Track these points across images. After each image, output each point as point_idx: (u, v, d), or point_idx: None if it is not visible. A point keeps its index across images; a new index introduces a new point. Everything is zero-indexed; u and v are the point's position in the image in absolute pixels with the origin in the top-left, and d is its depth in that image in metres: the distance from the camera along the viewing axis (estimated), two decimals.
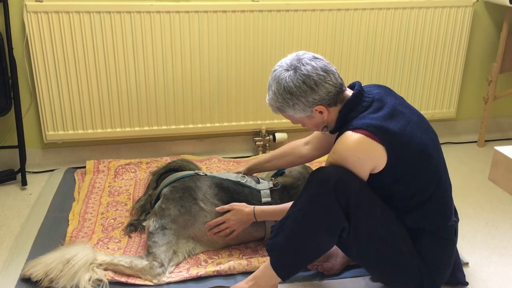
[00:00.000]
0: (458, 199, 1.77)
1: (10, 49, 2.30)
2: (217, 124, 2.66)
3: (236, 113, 2.67)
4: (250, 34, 2.52)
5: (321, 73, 1.54)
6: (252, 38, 2.53)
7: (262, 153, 2.76)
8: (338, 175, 1.51)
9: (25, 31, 2.32)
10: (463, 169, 2.71)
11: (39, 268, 1.70)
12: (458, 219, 1.72)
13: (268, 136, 2.76)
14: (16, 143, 2.41)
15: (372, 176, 1.56)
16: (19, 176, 2.44)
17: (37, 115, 2.49)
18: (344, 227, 1.53)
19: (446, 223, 1.64)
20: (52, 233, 2.01)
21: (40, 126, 2.50)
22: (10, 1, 2.29)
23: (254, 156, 2.70)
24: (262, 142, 2.76)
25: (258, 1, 2.50)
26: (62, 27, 2.32)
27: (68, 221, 2.10)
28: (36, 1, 2.28)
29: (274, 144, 2.77)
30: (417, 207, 1.59)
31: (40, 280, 1.69)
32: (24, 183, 2.42)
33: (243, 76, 2.60)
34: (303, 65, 1.54)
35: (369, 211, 1.54)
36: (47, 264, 1.70)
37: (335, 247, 1.70)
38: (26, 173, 2.44)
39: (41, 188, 2.40)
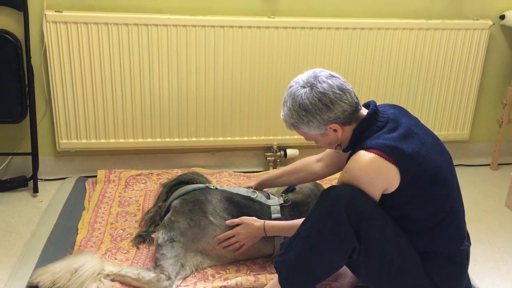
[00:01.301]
0: (470, 223, 1.74)
1: (28, 57, 2.33)
2: (228, 138, 2.67)
3: (248, 128, 2.67)
4: (265, 50, 2.53)
5: (337, 91, 1.53)
6: (267, 54, 2.54)
7: (273, 168, 2.75)
8: (350, 195, 1.50)
9: (43, 40, 2.35)
10: (476, 193, 2.68)
11: (47, 276, 1.70)
12: (470, 243, 1.70)
13: (279, 152, 2.75)
14: (29, 150, 2.43)
15: (384, 196, 1.55)
16: (31, 183, 2.45)
17: (51, 123, 2.51)
18: (354, 247, 1.51)
19: (458, 247, 1.62)
20: (61, 241, 2.01)
21: (53, 134, 2.52)
22: (30, 11, 2.33)
23: (265, 171, 2.69)
24: (273, 158, 2.76)
25: (274, 17, 2.51)
26: (80, 38, 2.35)
27: (78, 230, 2.10)
28: (55, 11, 2.32)
29: (285, 160, 2.76)
30: (429, 229, 1.57)
31: None
32: (35, 190, 2.43)
33: (257, 91, 2.60)
34: (319, 82, 1.54)
35: (380, 232, 1.52)
36: (55, 272, 1.70)
37: (344, 267, 1.68)
38: (38, 180, 2.46)
39: (52, 195, 2.41)
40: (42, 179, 2.54)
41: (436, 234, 1.58)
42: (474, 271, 2.00)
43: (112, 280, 1.76)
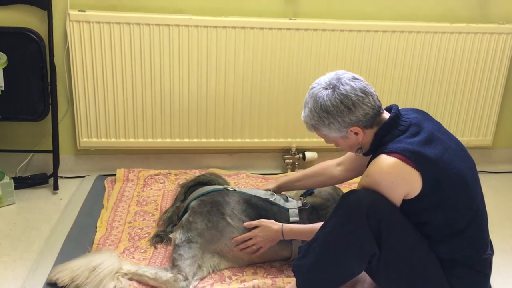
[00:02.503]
0: (492, 231, 1.70)
1: (51, 56, 2.36)
2: (247, 140, 2.66)
3: (266, 130, 2.66)
4: (286, 51, 2.52)
5: (360, 94, 1.52)
6: (287, 56, 2.53)
7: (291, 171, 2.73)
8: (371, 199, 1.48)
9: (66, 39, 2.38)
10: (499, 200, 2.62)
11: (66, 273, 1.71)
12: (493, 252, 1.66)
13: (298, 154, 2.74)
14: (50, 148, 2.46)
15: (405, 202, 1.53)
16: (51, 180, 2.48)
17: (72, 121, 2.54)
18: (374, 253, 1.49)
19: (480, 255, 1.59)
20: (80, 239, 2.03)
21: (74, 133, 2.55)
22: (54, 10, 2.35)
23: (284, 174, 2.68)
24: (291, 160, 2.74)
25: (295, 19, 2.50)
26: (103, 37, 2.37)
27: (96, 228, 2.11)
28: (79, 10, 2.35)
29: (303, 162, 2.74)
30: (451, 237, 1.54)
31: (66, 285, 1.70)
32: (55, 187, 2.46)
33: (276, 93, 2.59)
34: (342, 84, 1.52)
35: (401, 238, 1.50)
36: (74, 270, 1.71)
37: (363, 273, 1.66)
38: (58, 178, 2.48)
39: (71, 193, 2.43)
40: (62, 177, 2.57)
41: (458, 242, 1.55)
42: (496, 280, 1.95)
43: (130, 279, 1.77)
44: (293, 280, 1.61)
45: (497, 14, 2.69)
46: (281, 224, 1.84)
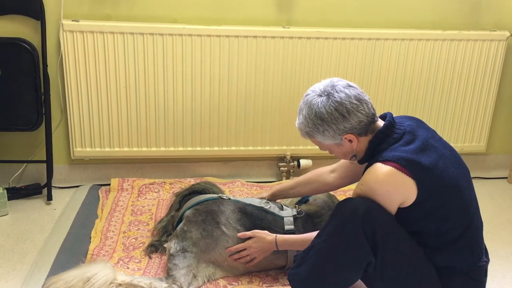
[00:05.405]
0: (487, 237, 1.71)
1: (45, 66, 2.36)
2: (242, 148, 2.66)
3: (261, 138, 2.66)
4: (280, 60, 2.53)
5: (354, 101, 1.52)
6: (281, 64, 2.54)
7: (286, 179, 2.73)
8: (366, 208, 1.47)
9: (60, 49, 2.37)
10: (493, 206, 2.63)
11: (60, 284, 1.69)
12: (488, 260, 1.66)
13: (293, 162, 2.74)
14: (44, 158, 2.45)
15: (400, 210, 1.52)
16: (45, 190, 2.47)
17: (66, 131, 2.53)
18: (370, 261, 1.48)
19: (476, 263, 1.59)
20: (74, 249, 2.01)
21: (68, 142, 2.54)
22: (48, 20, 2.35)
23: (278, 182, 2.68)
24: (286, 168, 2.74)
25: (289, 27, 2.51)
26: (96, 47, 2.37)
27: (90, 238, 2.10)
28: (72, 20, 2.34)
29: (298, 170, 2.74)
30: (447, 245, 1.54)
31: None
32: (49, 197, 2.44)
33: (270, 101, 2.60)
34: (336, 92, 1.53)
35: (397, 246, 1.50)
36: (68, 281, 1.69)
37: (358, 281, 1.65)
38: (52, 188, 2.47)
39: (65, 203, 2.42)
40: (56, 187, 2.55)
41: (453, 249, 1.55)
42: (492, 287, 1.95)
43: None
44: None
45: (489, 21, 2.71)
46: (275, 235, 1.84)
